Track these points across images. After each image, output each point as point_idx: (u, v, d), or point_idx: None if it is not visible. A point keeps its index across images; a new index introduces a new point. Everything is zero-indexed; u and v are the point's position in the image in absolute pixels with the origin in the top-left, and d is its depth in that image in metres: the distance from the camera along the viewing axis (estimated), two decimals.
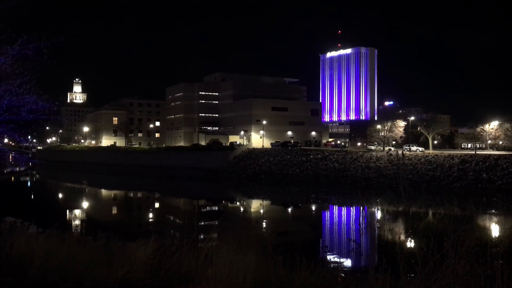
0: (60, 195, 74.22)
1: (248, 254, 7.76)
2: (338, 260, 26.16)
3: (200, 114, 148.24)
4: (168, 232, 34.68)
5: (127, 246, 8.95)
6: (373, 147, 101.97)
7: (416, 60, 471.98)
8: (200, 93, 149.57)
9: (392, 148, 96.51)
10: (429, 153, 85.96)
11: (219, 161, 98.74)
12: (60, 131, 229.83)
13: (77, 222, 43.81)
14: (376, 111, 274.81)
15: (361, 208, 55.62)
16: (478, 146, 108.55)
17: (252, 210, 56.96)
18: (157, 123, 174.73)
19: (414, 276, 6.88)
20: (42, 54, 10.06)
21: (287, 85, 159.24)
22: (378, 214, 49.94)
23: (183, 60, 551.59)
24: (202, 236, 9.44)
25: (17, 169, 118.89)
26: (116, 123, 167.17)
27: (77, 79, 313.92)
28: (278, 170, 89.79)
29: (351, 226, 42.18)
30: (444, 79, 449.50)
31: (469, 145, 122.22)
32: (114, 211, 58.14)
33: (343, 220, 50.17)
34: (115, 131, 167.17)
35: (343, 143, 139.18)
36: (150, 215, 53.11)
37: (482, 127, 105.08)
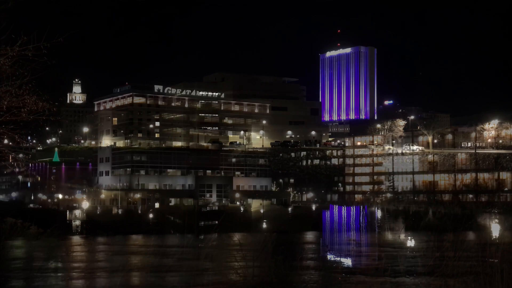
0: (60, 196, 74.17)
1: (248, 253, 7.78)
2: (338, 259, 26.21)
3: (200, 114, 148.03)
4: (169, 232, 34.71)
5: (127, 246, 8.98)
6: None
7: (415, 59, 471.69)
8: (200, 93, 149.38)
9: (392, 147, 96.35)
10: (429, 152, 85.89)
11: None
12: (60, 131, 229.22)
13: (77, 222, 43.85)
14: (375, 110, 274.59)
15: (361, 207, 55.67)
16: (478, 145, 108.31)
17: (252, 209, 56.98)
18: (157, 123, 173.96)
19: (414, 274, 6.90)
20: (42, 55, 10.06)
21: (286, 84, 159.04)
22: (378, 213, 50.03)
23: (183, 60, 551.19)
24: (202, 236, 9.49)
25: (17, 169, 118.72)
26: (115, 123, 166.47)
27: (76, 80, 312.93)
28: (277, 170, 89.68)
29: (351, 225, 42.25)
30: (443, 78, 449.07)
31: (469, 144, 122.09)
32: (114, 210, 58.14)
33: (343, 219, 50.23)
34: (114, 132, 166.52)
35: (343, 143, 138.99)
36: (150, 215, 53.11)
37: (482, 125, 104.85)
